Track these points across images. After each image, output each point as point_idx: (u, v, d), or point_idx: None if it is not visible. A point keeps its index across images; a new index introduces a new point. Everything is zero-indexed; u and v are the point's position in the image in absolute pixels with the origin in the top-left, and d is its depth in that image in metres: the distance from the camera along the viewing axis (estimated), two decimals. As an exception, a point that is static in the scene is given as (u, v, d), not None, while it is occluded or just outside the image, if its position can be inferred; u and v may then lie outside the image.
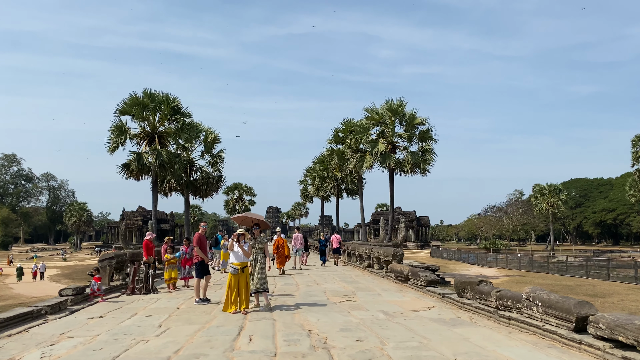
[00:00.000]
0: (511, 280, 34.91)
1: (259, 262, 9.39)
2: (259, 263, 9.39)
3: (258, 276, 9.30)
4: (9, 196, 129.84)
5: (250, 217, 9.85)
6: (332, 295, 11.70)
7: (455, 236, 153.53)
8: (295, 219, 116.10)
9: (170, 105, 30.81)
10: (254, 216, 9.90)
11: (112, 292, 12.41)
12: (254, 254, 9.42)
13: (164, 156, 29.95)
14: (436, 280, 11.81)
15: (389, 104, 32.57)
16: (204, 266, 10.58)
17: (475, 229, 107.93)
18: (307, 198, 61.29)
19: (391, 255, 14.76)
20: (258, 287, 9.30)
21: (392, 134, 32.84)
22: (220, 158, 37.56)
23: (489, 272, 45.06)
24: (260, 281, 9.31)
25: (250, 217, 9.91)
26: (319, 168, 49.37)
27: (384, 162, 31.84)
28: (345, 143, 37.04)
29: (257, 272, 9.32)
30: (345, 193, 48.95)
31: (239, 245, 8.82)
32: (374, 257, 17.52)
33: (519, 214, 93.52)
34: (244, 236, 8.98)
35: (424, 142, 32.90)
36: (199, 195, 37.54)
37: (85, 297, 10.95)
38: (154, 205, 31.94)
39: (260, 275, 9.34)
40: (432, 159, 32.68)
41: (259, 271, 9.34)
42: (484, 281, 9.06)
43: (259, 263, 9.39)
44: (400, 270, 13.32)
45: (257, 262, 9.40)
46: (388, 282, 14.37)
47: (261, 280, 9.33)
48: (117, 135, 30.02)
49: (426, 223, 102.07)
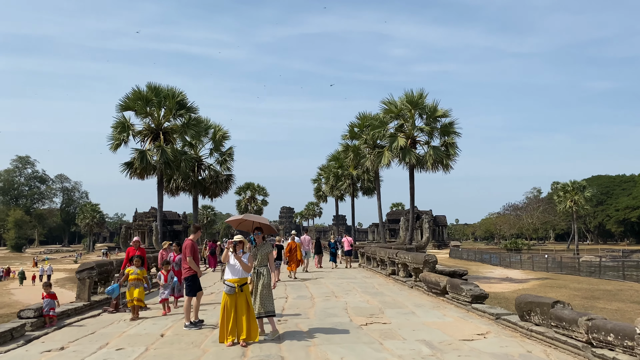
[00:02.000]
0: (542, 284, 32.53)
1: (262, 278, 7.29)
2: (262, 279, 7.28)
3: (261, 296, 7.20)
4: (24, 198, 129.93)
5: (250, 220, 7.72)
6: (356, 314, 9.57)
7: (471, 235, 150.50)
8: (308, 219, 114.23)
9: (175, 99, 28.85)
10: (254, 219, 7.76)
11: (92, 308, 10.43)
12: (255, 268, 7.33)
13: (169, 154, 28.02)
14: (483, 295, 9.61)
15: (408, 95, 30.21)
16: (196, 281, 8.52)
17: (494, 228, 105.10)
18: (321, 197, 59.14)
19: (422, 263, 12.57)
20: (261, 310, 7.18)
21: (412, 128, 30.48)
22: (229, 156, 35.60)
23: (514, 274, 42.60)
24: (265, 302, 7.20)
25: (249, 219, 7.79)
26: (333, 166, 47.17)
27: (404, 157, 29.48)
28: (361, 138, 34.75)
29: (261, 290, 7.22)
30: (361, 192, 46.67)
31: (236, 256, 6.75)
32: (399, 264, 15.35)
33: (539, 212, 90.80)
34: (241, 245, 6.89)
35: (446, 136, 30.46)
36: (208, 195, 35.63)
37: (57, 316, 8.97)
38: (159, 205, 30.03)
39: (265, 295, 7.23)
40: (456, 154, 30.22)
41: (263, 289, 7.24)
42: (560, 302, 6.85)
43: (262, 279, 7.28)
44: (435, 281, 11.14)
45: (260, 278, 7.29)
46: (419, 295, 12.19)
47: (265, 301, 7.21)
48: (119, 131, 28.14)
49: (443, 222, 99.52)
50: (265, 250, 7.45)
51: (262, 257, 7.39)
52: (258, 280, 7.29)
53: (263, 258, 7.39)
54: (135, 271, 9.78)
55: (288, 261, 17.95)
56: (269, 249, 7.51)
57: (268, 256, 7.46)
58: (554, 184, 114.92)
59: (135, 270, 9.80)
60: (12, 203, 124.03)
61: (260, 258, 7.36)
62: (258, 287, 7.25)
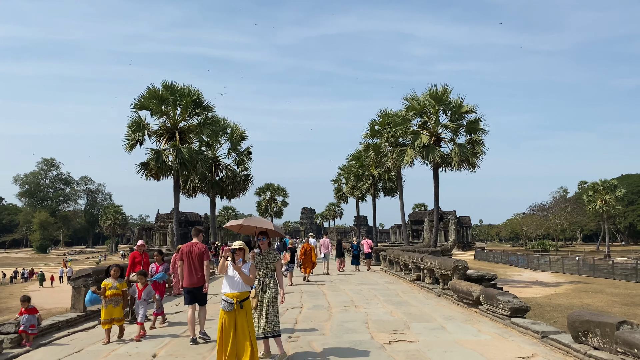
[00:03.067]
0: (576, 289, 30.77)
1: (268, 292, 6.22)
2: (268, 292, 6.22)
3: (267, 313, 6.15)
4: (49, 200, 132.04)
5: (253, 224, 6.66)
6: (377, 329, 8.45)
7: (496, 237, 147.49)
8: (329, 220, 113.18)
9: (191, 98, 28.11)
10: (257, 223, 6.72)
11: (88, 319, 9.54)
12: (260, 279, 6.29)
13: (184, 153, 27.28)
14: (524, 308, 8.39)
15: (431, 91, 28.87)
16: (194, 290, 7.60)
17: (520, 229, 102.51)
18: (342, 198, 58.02)
19: (451, 269, 11.37)
20: (267, 329, 6.13)
21: (436, 125, 29.15)
22: (247, 156, 34.78)
23: (544, 277, 40.72)
24: (270, 321, 6.14)
25: (250, 224, 6.70)
26: (353, 166, 45.99)
27: (427, 156, 28.15)
28: (383, 137, 33.50)
29: (266, 306, 6.17)
30: (383, 192, 45.37)
31: (235, 266, 5.71)
32: (425, 269, 14.14)
33: (567, 212, 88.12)
34: (242, 252, 5.85)
35: (472, 133, 29.05)
36: (225, 196, 34.88)
37: (44, 330, 8.10)
38: (175, 206, 29.31)
39: (271, 312, 6.17)
40: (482, 152, 28.74)
41: (270, 305, 6.19)
42: (626, 322, 5.64)
43: (268, 292, 6.22)
44: (467, 290, 9.94)
45: (266, 291, 6.23)
46: (448, 305, 10.99)
47: (271, 319, 6.15)
48: (134, 131, 27.51)
49: (467, 223, 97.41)
50: (271, 258, 6.40)
51: (269, 267, 6.33)
52: (263, 294, 6.22)
53: (269, 268, 6.33)
54: (114, 285, 7.92)
55: (302, 264, 17.79)
56: (275, 257, 6.45)
57: (275, 265, 6.41)
58: (581, 184, 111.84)
59: (113, 284, 7.91)
60: (38, 205, 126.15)
61: (266, 268, 6.31)
62: (263, 303, 6.18)
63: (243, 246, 5.86)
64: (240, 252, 5.81)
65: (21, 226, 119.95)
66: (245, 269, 5.77)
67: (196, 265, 7.73)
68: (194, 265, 7.73)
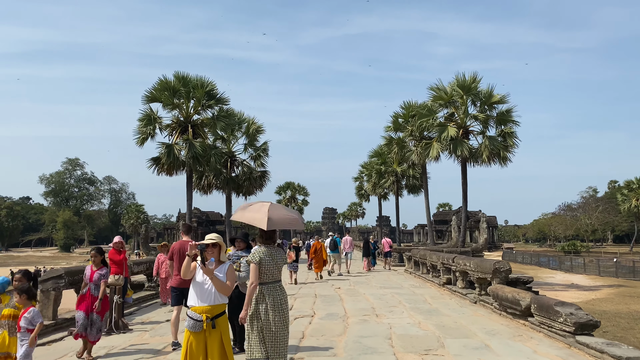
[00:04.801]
0: (618, 293, 28.35)
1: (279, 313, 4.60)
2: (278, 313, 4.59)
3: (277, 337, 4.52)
4: (73, 199, 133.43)
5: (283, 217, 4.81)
6: (404, 347, 6.72)
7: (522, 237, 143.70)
8: (351, 220, 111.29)
9: (204, 89, 26.77)
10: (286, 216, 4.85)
11: (58, 329, 8.08)
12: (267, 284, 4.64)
13: (197, 148, 25.93)
14: (591, 324, 6.57)
15: (459, 80, 26.86)
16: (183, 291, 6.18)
17: (548, 229, 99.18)
18: (363, 197, 56.24)
19: (491, 272, 9.54)
20: None
21: (465, 116, 27.15)
22: (264, 151, 33.30)
23: (578, 279, 38.10)
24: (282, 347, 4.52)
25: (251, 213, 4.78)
26: (375, 162, 44.12)
27: (455, 149, 26.15)
28: (406, 130, 31.55)
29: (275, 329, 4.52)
30: (406, 190, 43.35)
31: (205, 269, 4.07)
32: (457, 272, 12.32)
33: (598, 212, 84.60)
34: (215, 250, 4.21)
35: (503, 125, 26.96)
36: (241, 193, 33.45)
37: None
38: (188, 202, 27.95)
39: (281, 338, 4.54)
40: (515, 146, 26.63)
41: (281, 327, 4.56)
42: None
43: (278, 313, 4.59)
44: (513, 298, 8.13)
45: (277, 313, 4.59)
46: (488, 315, 9.20)
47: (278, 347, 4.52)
48: (145, 124, 26.31)
49: (493, 224, 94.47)
50: (278, 256, 4.74)
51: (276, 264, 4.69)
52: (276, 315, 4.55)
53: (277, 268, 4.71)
54: (11, 303, 5.16)
55: (313, 263, 17.50)
56: (280, 255, 4.81)
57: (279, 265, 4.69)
58: (611, 183, 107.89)
59: (11, 302, 5.17)
60: (63, 204, 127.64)
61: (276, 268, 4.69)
62: (270, 318, 4.57)
63: (218, 241, 4.24)
64: (213, 250, 4.19)
65: (46, 225, 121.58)
66: (220, 272, 4.14)
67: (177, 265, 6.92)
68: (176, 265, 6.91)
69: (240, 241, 6.92)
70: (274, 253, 4.73)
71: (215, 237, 4.22)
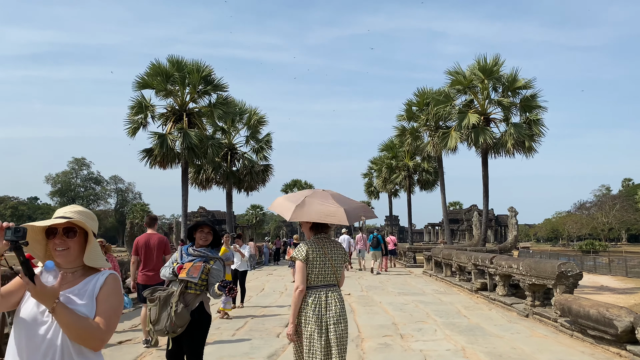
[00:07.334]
0: (657, 297, 25.71)
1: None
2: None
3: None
4: (80, 199, 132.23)
5: None
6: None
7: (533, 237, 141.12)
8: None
9: (200, 74, 24.48)
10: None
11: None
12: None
13: (193, 138, 23.66)
14: None
15: (479, 63, 24.29)
16: None
17: (562, 228, 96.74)
18: (372, 194, 53.72)
19: (554, 277, 7.13)
20: None
21: (486, 102, 24.67)
22: (266, 143, 30.93)
23: (607, 281, 35.25)
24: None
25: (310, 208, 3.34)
26: (385, 156, 41.57)
27: (476, 139, 23.61)
28: (420, 119, 29.06)
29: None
30: (418, 186, 40.75)
31: (31, 286, 1.70)
32: (497, 275, 9.88)
33: (615, 210, 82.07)
34: (66, 242, 1.86)
35: (527, 112, 24.42)
36: (243, 188, 31.16)
37: None
38: (183, 197, 25.63)
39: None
40: (541, 134, 24.14)
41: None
42: None
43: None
44: (599, 316, 5.70)
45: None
46: (554, 336, 6.78)
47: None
48: (136, 112, 24.11)
49: (505, 222, 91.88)
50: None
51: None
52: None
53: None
54: None
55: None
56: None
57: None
58: (625, 181, 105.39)
59: None
60: (69, 204, 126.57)
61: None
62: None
63: (77, 220, 1.90)
64: (65, 241, 1.84)
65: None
66: (79, 296, 1.79)
67: (154, 259, 6.84)
68: (152, 259, 6.82)
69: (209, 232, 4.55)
70: (328, 246, 3.65)
71: (72, 212, 1.89)
